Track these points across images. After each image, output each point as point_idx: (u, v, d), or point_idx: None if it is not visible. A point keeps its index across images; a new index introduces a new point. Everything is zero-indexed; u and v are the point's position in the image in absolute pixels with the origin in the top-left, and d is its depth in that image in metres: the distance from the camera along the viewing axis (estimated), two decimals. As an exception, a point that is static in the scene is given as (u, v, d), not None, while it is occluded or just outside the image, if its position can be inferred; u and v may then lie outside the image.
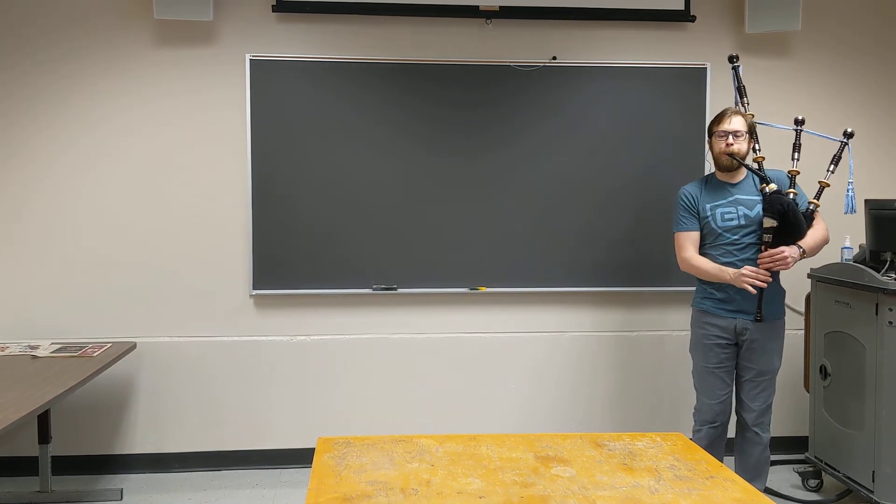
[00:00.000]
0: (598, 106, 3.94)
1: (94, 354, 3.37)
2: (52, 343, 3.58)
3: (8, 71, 3.72)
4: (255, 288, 3.82)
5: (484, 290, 3.93)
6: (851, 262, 3.53)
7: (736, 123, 3.13)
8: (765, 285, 3.04)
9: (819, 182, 3.18)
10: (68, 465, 3.77)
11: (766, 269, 3.04)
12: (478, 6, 3.85)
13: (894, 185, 4.16)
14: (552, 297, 4.00)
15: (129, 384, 3.86)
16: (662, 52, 4.00)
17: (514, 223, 3.91)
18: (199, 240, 3.84)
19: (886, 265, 3.31)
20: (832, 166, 3.24)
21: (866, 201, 3.51)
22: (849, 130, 3.28)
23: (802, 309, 3.99)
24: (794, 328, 4.10)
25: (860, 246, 3.67)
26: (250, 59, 3.76)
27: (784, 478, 3.84)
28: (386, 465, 2.08)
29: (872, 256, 3.44)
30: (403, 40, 3.88)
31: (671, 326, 4.07)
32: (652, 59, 3.98)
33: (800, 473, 3.75)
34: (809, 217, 3.12)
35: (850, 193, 3.31)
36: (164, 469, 3.87)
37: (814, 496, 3.64)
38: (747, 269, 3.05)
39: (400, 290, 3.88)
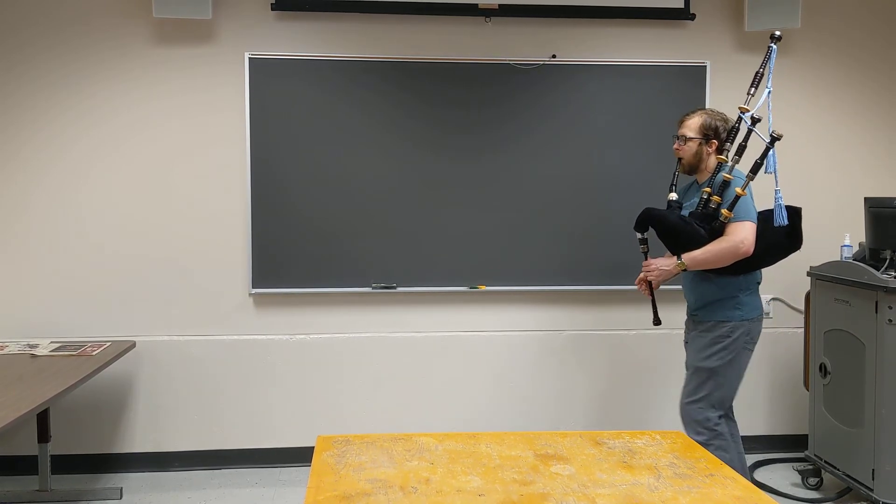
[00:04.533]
0: (597, 104, 3.94)
1: (94, 353, 3.37)
2: (52, 342, 3.57)
3: (8, 71, 3.72)
4: (254, 287, 3.82)
5: (483, 288, 3.93)
6: (851, 261, 3.52)
7: (683, 127, 3.07)
8: (643, 289, 3.10)
9: (736, 191, 2.87)
10: (68, 464, 3.77)
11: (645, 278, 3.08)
12: (477, 4, 3.84)
13: (894, 183, 4.16)
14: (552, 295, 4.00)
15: (128, 383, 3.85)
16: (662, 50, 4.00)
17: (513, 221, 3.91)
18: (199, 239, 3.83)
19: (886, 263, 3.31)
20: (751, 174, 2.90)
21: (866, 199, 3.50)
22: (776, 134, 2.88)
23: (802, 307, 3.99)
24: (793, 326, 4.10)
25: (860, 244, 3.67)
26: (249, 58, 3.75)
27: (784, 476, 3.84)
28: (385, 464, 2.07)
29: (872, 254, 3.44)
30: (402, 39, 3.87)
31: (672, 325, 4.06)
32: (652, 57, 3.97)
33: (800, 472, 3.75)
34: (717, 228, 2.90)
35: (778, 202, 2.90)
36: (164, 468, 3.87)
37: (814, 494, 3.64)
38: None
39: (399, 289, 3.88)
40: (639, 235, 3.05)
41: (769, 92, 2.94)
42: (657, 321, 3.19)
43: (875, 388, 3.25)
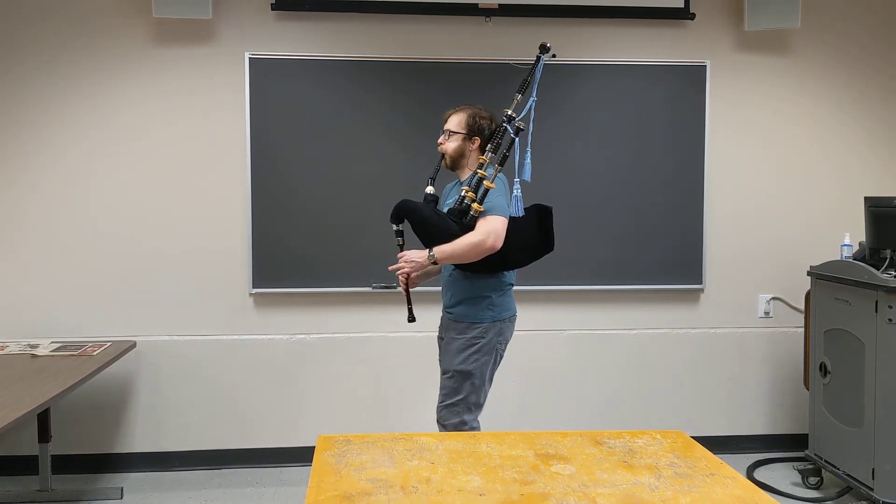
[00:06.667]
0: (597, 104, 3.94)
1: (94, 353, 3.37)
2: (52, 342, 3.57)
3: (8, 71, 3.72)
4: (254, 286, 3.82)
5: (484, 288, 3.92)
6: (851, 260, 3.52)
7: (448, 122, 3.03)
8: (401, 285, 3.01)
9: (485, 184, 2.81)
10: (68, 464, 3.77)
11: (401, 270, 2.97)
12: (477, 4, 3.84)
13: (894, 183, 4.16)
14: (551, 294, 4.00)
15: (128, 383, 3.85)
16: (662, 49, 4.00)
17: (513, 221, 3.90)
18: (199, 238, 3.83)
19: (886, 262, 3.31)
20: (498, 166, 2.86)
21: (866, 199, 3.51)
22: (519, 125, 2.83)
23: (802, 307, 3.99)
24: (793, 326, 4.10)
25: (860, 243, 3.67)
26: (249, 58, 3.75)
27: (784, 475, 3.84)
28: (386, 463, 2.07)
29: (872, 254, 3.44)
30: (402, 38, 3.87)
31: (672, 324, 4.07)
32: (652, 56, 3.97)
33: (800, 471, 3.75)
34: (469, 223, 2.84)
35: (516, 194, 2.86)
36: (164, 468, 3.87)
37: (814, 493, 3.64)
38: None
39: (399, 289, 3.87)
40: (394, 227, 2.98)
41: (534, 101, 2.88)
42: (411, 318, 3.09)
43: (875, 388, 3.26)
